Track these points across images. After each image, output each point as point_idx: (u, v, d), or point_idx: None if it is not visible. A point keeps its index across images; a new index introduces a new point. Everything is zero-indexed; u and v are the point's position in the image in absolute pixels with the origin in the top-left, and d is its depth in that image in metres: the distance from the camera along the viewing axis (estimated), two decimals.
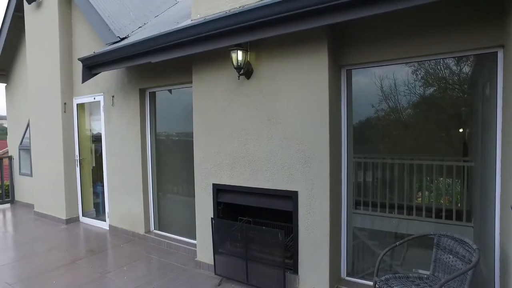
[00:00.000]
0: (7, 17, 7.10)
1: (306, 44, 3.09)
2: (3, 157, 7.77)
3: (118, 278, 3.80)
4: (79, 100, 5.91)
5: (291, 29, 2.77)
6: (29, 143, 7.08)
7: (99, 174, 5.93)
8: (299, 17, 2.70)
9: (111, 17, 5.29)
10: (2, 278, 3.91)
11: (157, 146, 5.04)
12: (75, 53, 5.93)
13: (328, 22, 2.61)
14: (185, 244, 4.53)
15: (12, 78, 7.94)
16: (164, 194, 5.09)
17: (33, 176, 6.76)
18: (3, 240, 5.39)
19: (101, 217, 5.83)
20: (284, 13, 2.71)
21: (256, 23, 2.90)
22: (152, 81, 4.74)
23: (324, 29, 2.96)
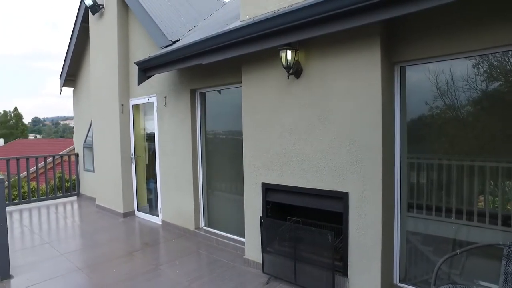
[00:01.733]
0: (76, 28, 7.78)
1: (358, 41, 3.00)
2: (71, 154, 8.52)
3: (171, 270, 3.99)
4: (134, 101, 6.29)
5: (342, 26, 2.71)
6: (91, 142, 7.69)
7: (152, 171, 6.26)
8: (351, 13, 2.63)
9: (163, 22, 5.55)
10: (73, 262, 4.32)
11: (207, 144, 5.20)
12: (131, 58, 6.31)
13: (383, 18, 2.51)
14: (233, 241, 4.62)
15: (78, 82, 8.68)
16: (214, 192, 5.24)
17: (95, 172, 7.33)
18: (72, 229, 5.92)
19: (154, 212, 6.15)
20: (335, 10, 2.65)
21: (306, 22, 2.87)
22: (202, 82, 4.90)
23: (376, 25, 2.85)
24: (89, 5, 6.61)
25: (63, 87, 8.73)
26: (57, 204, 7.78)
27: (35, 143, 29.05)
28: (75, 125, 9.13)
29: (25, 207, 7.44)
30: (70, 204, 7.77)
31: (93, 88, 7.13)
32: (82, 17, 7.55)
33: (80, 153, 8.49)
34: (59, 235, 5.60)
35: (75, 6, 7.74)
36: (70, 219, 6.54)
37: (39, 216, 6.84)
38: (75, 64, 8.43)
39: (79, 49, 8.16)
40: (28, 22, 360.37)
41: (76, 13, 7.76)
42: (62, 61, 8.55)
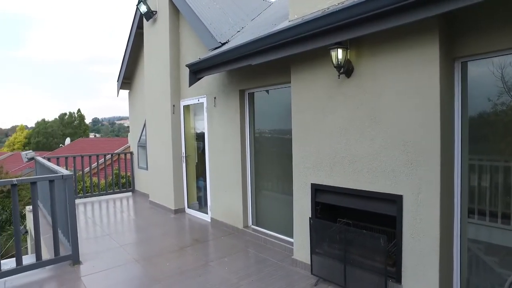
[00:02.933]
0: (132, 34, 8.28)
1: (413, 37, 2.85)
2: (127, 153, 9.08)
3: (220, 267, 4.10)
4: (185, 102, 6.53)
5: (398, 22, 2.59)
6: (145, 141, 8.13)
7: (201, 170, 6.47)
8: (407, 8, 2.51)
9: (212, 25, 5.69)
10: (131, 254, 4.61)
11: (255, 144, 5.26)
12: (182, 60, 6.56)
13: (444, 10, 2.36)
14: (281, 241, 4.63)
15: (133, 85, 9.22)
16: (262, 191, 5.28)
17: (148, 169, 7.74)
18: (128, 223, 6.32)
19: (203, 210, 6.35)
20: (391, 5, 2.55)
21: (358, 19, 2.79)
22: (251, 82, 4.96)
23: (434, 19, 2.69)
24: (143, 12, 6.99)
25: (120, 90, 9.33)
26: (115, 199, 8.33)
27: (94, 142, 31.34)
28: (130, 125, 9.72)
29: (87, 200, 8.08)
30: (126, 200, 8.29)
31: (147, 90, 7.53)
32: (137, 24, 8.01)
33: (134, 151, 9.01)
34: (117, 227, 6.00)
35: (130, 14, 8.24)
36: (126, 214, 6.98)
37: (99, 209, 7.39)
38: (130, 68, 8.97)
39: (134, 54, 8.67)
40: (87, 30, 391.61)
41: (132, 20, 8.25)
42: (118, 65, 9.16)
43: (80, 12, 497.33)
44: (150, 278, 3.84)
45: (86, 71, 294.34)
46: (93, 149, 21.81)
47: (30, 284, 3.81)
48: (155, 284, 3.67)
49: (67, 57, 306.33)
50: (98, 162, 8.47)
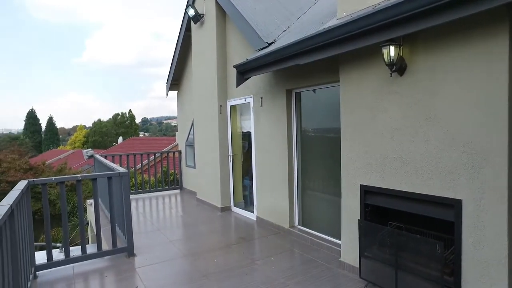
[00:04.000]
0: (180, 37, 8.61)
1: (477, 30, 2.65)
2: (175, 151, 9.47)
3: (267, 266, 4.12)
4: (232, 102, 6.66)
5: (458, 14, 2.42)
6: (193, 140, 8.41)
7: (247, 169, 6.56)
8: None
9: (259, 25, 5.73)
10: (180, 249, 4.81)
11: (302, 144, 5.22)
12: (228, 61, 6.69)
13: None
14: (328, 242, 4.56)
15: (182, 86, 9.57)
16: (308, 191, 5.24)
17: (196, 168, 8.01)
18: (176, 219, 6.59)
19: (249, 208, 6.43)
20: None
21: (413, 14, 2.65)
22: (298, 82, 4.93)
23: (503, 8, 2.48)
24: (191, 15, 7.23)
25: (169, 91, 9.73)
26: (163, 195, 8.72)
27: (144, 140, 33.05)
28: (178, 125, 10.11)
29: (138, 196, 8.53)
30: (174, 197, 8.64)
31: (195, 91, 7.79)
32: (186, 27, 8.31)
33: (182, 150, 9.36)
34: (166, 223, 6.28)
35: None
36: (175, 210, 7.28)
37: (150, 205, 7.78)
38: (179, 69, 9.32)
39: (183, 56, 9.00)
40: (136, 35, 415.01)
41: (180, 24, 8.57)
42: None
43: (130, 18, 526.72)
44: (199, 273, 3.97)
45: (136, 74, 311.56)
46: (143, 148, 23.00)
47: (93, 271, 4.12)
48: (204, 279, 3.79)
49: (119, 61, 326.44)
50: (148, 160, 8.92)
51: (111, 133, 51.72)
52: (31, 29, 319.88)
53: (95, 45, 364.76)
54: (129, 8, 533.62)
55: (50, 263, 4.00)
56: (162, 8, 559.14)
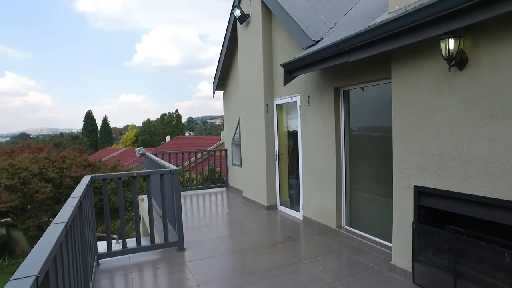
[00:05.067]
0: (226, 38, 8.80)
1: None
2: (221, 150, 9.69)
3: (314, 266, 4.09)
4: (278, 101, 6.67)
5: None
6: (239, 139, 8.55)
7: (293, 168, 6.54)
8: None
9: (305, 23, 5.68)
10: (227, 246, 4.94)
11: (350, 142, 5.10)
12: (275, 60, 6.71)
13: None
14: (377, 244, 4.41)
15: (228, 86, 9.77)
16: (356, 191, 5.11)
17: (242, 166, 8.13)
18: (222, 216, 6.75)
19: (295, 208, 6.41)
20: None
21: (478, 2, 2.48)
22: (346, 80, 4.82)
23: None
24: (237, 16, 7.35)
25: (215, 91, 9.98)
26: (210, 193, 8.97)
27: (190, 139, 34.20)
28: (224, 124, 10.34)
29: (186, 193, 8.85)
30: (220, 194, 8.84)
31: (241, 90, 7.91)
32: (232, 28, 8.46)
33: (229, 149, 9.55)
34: (214, 220, 6.47)
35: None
36: (222, 208, 7.46)
37: (197, 202, 8.04)
38: (225, 70, 9.52)
39: (229, 57, 9.17)
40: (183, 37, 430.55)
41: (227, 25, 8.75)
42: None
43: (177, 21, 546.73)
44: (247, 270, 4.04)
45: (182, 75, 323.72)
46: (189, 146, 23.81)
47: (147, 263, 4.37)
48: (252, 276, 3.85)
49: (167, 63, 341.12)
50: (196, 157, 9.25)
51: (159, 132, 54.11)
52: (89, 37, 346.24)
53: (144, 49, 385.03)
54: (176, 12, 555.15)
55: (110, 252, 4.30)
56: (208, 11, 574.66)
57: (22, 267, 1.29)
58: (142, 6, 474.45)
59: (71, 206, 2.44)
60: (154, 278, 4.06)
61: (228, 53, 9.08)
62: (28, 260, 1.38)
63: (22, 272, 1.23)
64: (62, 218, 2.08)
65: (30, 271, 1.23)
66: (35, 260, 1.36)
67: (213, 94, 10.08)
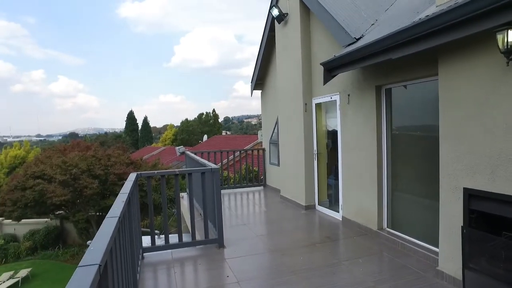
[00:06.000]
0: (264, 38, 8.85)
1: None
2: (259, 149, 9.76)
3: (354, 268, 4.00)
4: (317, 100, 6.60)
5: None
6: (276, 138, 8.56)
7: (332, 168, 6.44)
8: None
9: (345, 20, 5.57)
10: (266, 244, 4.98)
11: (392, 142, 4.93)
12: (313, 58, 6.64)
13: None
14: (421, 248, 4.23)
15: (266, 85, 9.81)
16: (399, 192, 4.93)
17: (279, 166, 8.14)
18: (260, 215, 6.80)
19: (334, 208, 6.30)
20: None
21: None
22: (388, 78, 4.67)
23: None
24: (275, 15, 7.35)
25: (253, 90, 10.06)
26: (248, 192, 9.05)
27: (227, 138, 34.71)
28: (262, 123, 10.39)
29: (224, 192, 8.98)
30: (258, 193, 8.90)
31: (279, 90, 7.91)
32: (269, 27, 8.48)
33: (266, 148, 9.59)
34: (252, 218, 6.53)
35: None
36: (259, 206, 7.51)
37: (235, 201, 8.15)
38: (263, 69, 9.57)
39: (267, 56, 9.21)
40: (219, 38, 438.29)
41: (264, 24, 8.78)
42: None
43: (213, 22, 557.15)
44: (286, 269, 4.04)
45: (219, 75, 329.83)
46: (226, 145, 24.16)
47: (188, 258, 4.51)
48: (292, 275, 3.84)
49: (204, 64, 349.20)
50: (234, 156, 9.39)
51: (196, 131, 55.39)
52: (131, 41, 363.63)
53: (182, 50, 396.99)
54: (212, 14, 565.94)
55: (153, 247, 4.49)
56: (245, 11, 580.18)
57: (87, 256, 1.39)
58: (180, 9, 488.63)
59: (121, 201, 2.58)
60: (195, 273, 4.18)
61: (265, 53, 9.12)
62: (90, 250, 1.48)
63: (87, 260, 1.33)
64: (114, 212, 2.21)
65: (94, 260, 1.33)
66: (96, 250, 1.46)
67: (251, 94, 10.16)
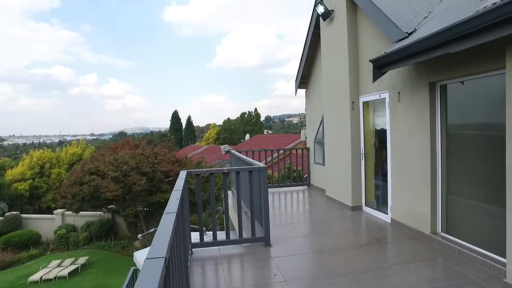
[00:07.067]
0: (308, 36, 8.76)
1: None
2: (303, 148, 9.68)
3: (407, 273, 3.82)
4: (364, 99, 6.40)
5: None
6: (322, 137, 8.43)
7: (380, 168, 6.21)
8: None
9: (395, 15, 5.34)
10: (312, 245, 4.94)
11: (447, 141, 4.65)
12: (360, 56, 6.45)
13: None
14: (483, 256, 3.94)
15: (310, 84, 9.71)
16: (455, 195, 4.64)
17: (325, 165, 8.01)
18: (306, 214, 6.75)
19: (382, 209, 6.08)
20: None
21: None
22: (443, 73, 4.41)
23: None
24: (321, 12, 7.23)
25: (297, 89, 9.99)
26: (292, 191, 9.01)
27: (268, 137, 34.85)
28: (306, 122, 10.29)
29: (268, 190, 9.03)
30: (302, 193, 8.83)
31: (324, 88, 7.78)
32: (314, 25, 8.37)
33: (311, 147, 9.48)
34: (297, 218, 6.51)
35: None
36: (304, 206, 7.45)
37: (279, 200, 8.15)
38: (307, 68, 9.47)
39: (311, 54, 9.10)
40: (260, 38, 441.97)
41: (309, 22, 8.68)
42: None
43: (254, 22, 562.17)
44: (335, 270, 3.96)
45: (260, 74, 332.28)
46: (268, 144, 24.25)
47: (234, 255, 4.59)
48: (341, 277, 3.76)
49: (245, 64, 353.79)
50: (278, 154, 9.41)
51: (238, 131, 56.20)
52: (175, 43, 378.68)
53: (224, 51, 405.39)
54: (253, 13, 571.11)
55: (202, 243, 4.62)
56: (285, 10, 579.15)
57: (153, 249, 1.47)
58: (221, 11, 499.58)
59: (176, 198, 2.69)
60: (242, 270, 4.24)
61: (310, 51, 9.01)
62: (155, 243, 1.56)
63: (154, 253, 1.41)
64: (172, 208, 2.31)
65: (160, 253, 1.40)
66: (161, 244, 1.54)
67: (295, 93, 10.09)
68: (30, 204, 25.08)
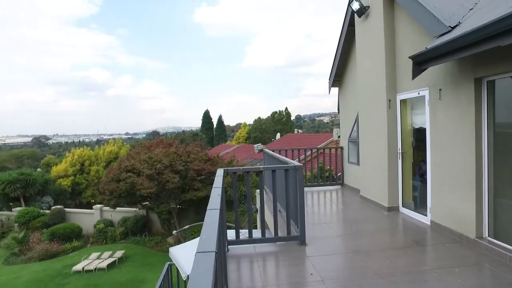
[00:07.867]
0: (343, 33, 8.62)
1: None
2: (337, 148, 9.54)
3: (450, 278, 3.66)
4: (402, 96, 6.20)
5: None
6: (356, 136, 8.26)
7: (418, 168, 5.99)
8: None
9: (436, 8, 5.11)
10: (348, 245, 4.87)
11: (495, 140, 4.39)
12: (397, 52, 6.25)
13: None
14: None
15: (344, 82, 9.54)
16: (504, 198, 4.38)
17: (359, 164, 7.84)
18: (340, 214, 6.67)
19: (420, 211, 5.87)
20: None
21: None
22: (492, 68, 4.17)
23: None
24: (356, 9, 7.07)
25: (331, 88, 9.84)
26: (325, 190, 8.90)
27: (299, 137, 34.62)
28: (340, 121, 10.12)
29: None
30: (335, 192, 8.70)
31: (359, 86, 7.62)
32: (349, 22, 8.21)
33: (345, 146, 9.32)
34: (331, 217, 6.44)
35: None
36: (338, 206, 7.36)
37: (312, 199, 8.08)
38: (341, 65, 9.31)
39: (345, 52, 8.93)
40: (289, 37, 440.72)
41: (343, 19, 8.53)
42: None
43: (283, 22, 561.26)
44: (372, 272, 3.88)
45: (290, 74, 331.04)
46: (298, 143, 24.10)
47: (269, 253, 4.61)
48: (379, 279, 3.68)
49: (275, 63, 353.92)
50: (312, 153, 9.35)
51: (269, 130, 56.17)
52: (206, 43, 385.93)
53: (254, 51, 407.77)
54: (282, 13, 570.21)
55: (238, 240, 4.68)
56: (314, 8, 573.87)
57: (202, 244, 1.52)
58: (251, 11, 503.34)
59: (217, 195, 2.75)
60: (278, 268, 4.25)
61: (344, 49, 8.86)
62: (203, 238, 1.61)
63: (204, 247, 1.46)
64: (215, 205, 2.36)
65: (211, 248, 1.45)
66: (209, 239, 1.58)
67: (329, 91, 9.95)
68: (72, 199, 26.63)
